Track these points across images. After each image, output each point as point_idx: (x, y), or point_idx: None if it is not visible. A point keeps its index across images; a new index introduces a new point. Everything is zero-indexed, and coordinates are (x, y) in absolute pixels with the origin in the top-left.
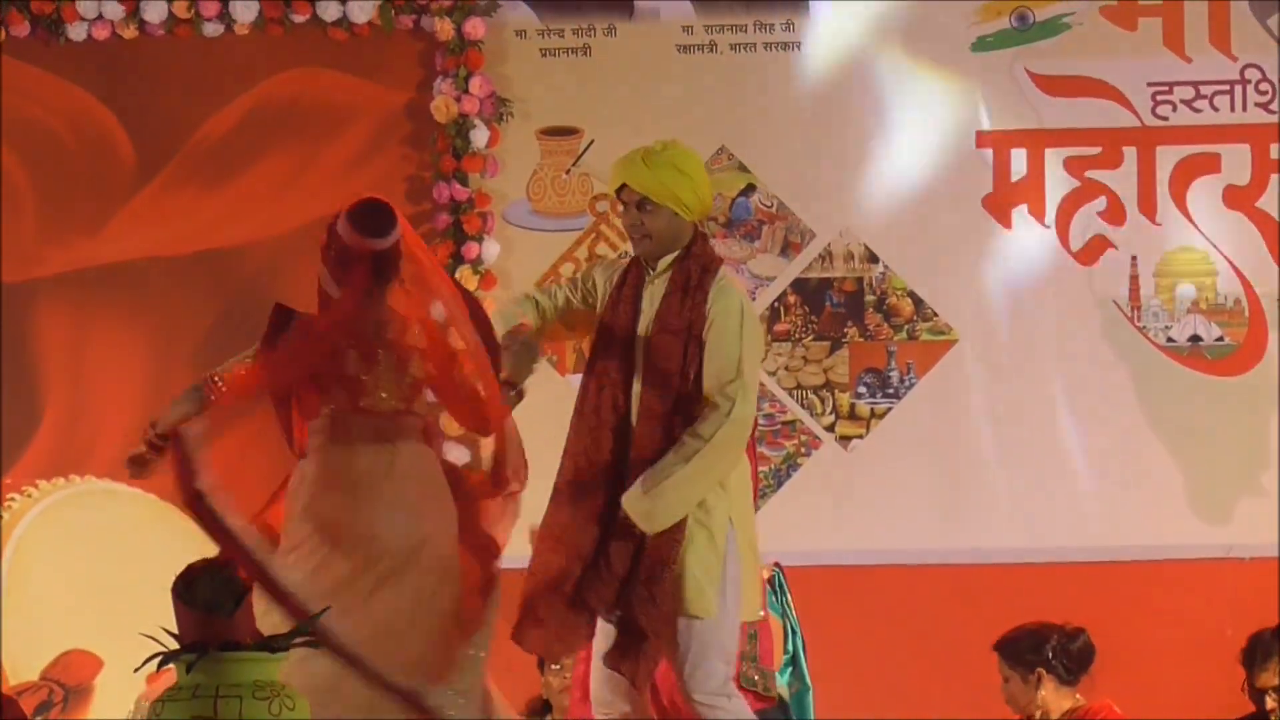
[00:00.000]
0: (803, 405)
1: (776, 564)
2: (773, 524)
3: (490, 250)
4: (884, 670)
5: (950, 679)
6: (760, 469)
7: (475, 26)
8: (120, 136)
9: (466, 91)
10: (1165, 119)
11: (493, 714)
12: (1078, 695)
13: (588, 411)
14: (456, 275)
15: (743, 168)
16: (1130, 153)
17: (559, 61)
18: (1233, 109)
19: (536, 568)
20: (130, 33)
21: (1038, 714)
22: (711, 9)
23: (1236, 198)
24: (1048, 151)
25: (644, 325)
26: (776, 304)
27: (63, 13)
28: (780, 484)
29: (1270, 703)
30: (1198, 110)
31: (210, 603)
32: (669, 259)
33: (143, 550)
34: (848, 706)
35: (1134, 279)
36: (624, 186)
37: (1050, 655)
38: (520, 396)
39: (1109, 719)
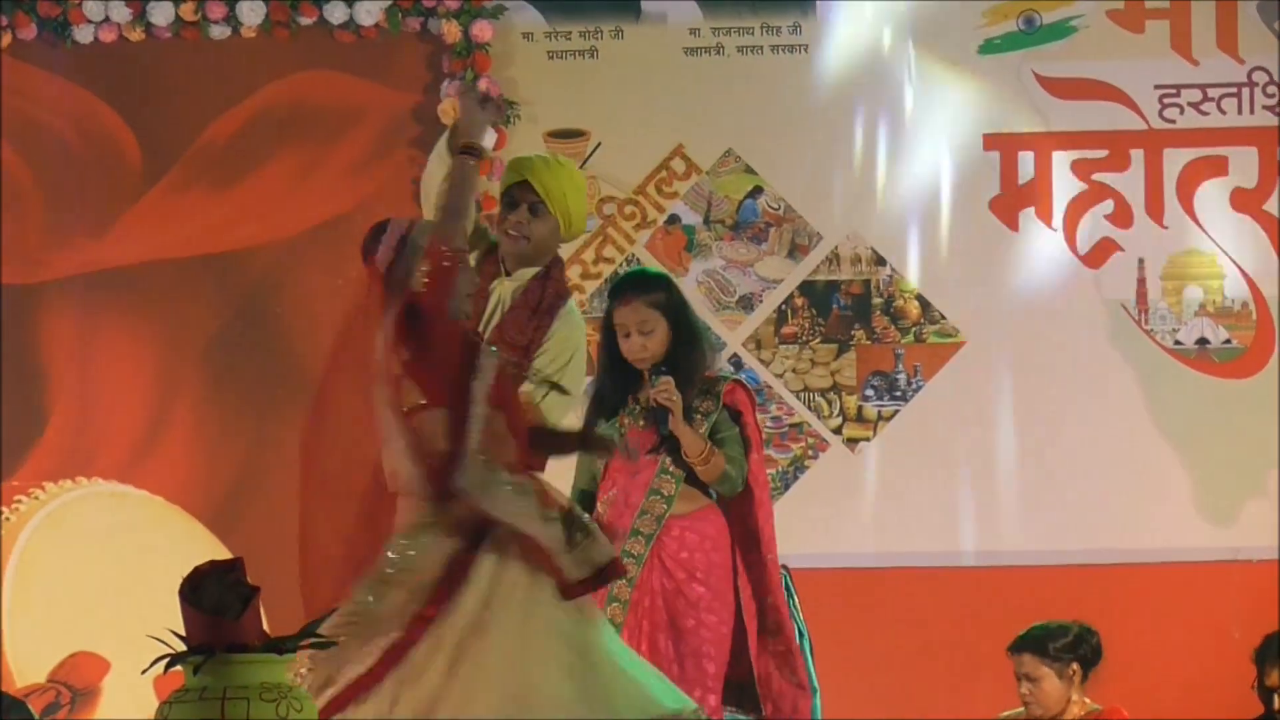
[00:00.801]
0: (810, 408)
1: (784, 566)
2: (780, 526)
3: None
4: (891, 673)
5: (958, 681)
6: (768, 471)
7: (482, 29)
8: (126, 139)
9: None
10: (1172, 122)
11: None
12: (1086, 699)
13: None
14: None
15: (750, 170)
16: (1137, 155)
17: (566, 64)
18: (1240, 112)
19: None
20: (137, 35)
21: (1073, 711)
22: (719, 12)
23: (1244, 200)
24: (1055, 154)
25: (482, 326)
26: (784, 306)
27: (69, 15)
28: (787, 486)
29: (1279, 703)
30: (1205, 113)
31: (217, 605)
32: (529, 272)
33: (150, 552)
34: (855, 709)
35: (1141, 282)
36: (522, 183)
37: (1080, 649)
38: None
39: None
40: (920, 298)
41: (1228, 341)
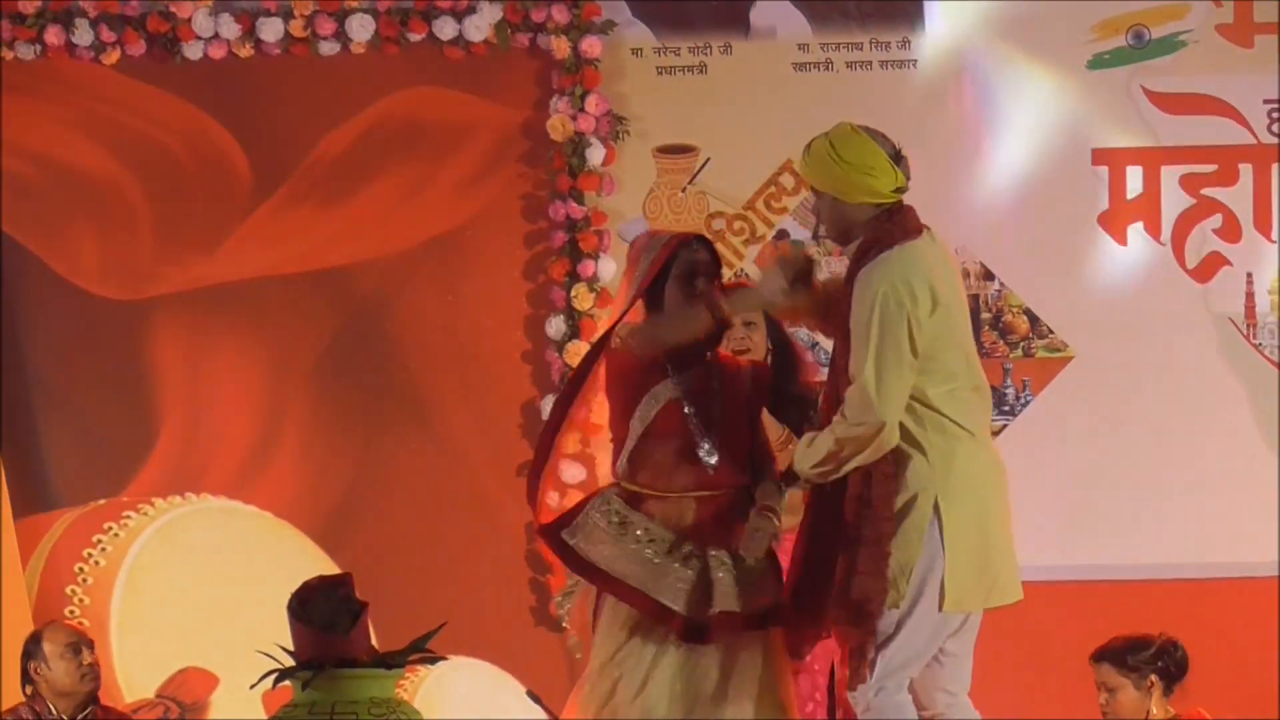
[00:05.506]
0: None
1: None
2: None
3: (606, 268)
4: (996, 684)
5: (1064, 695)
6: None
7: (592, 45)
8: (236, 155)
9: (583, 110)
10: None
11: None
12: (1169, 707)
13: None
14: (572, 293)
15: None
16: (1246, 170)
17: (675, 80)
18: None
19: None
20: (246, 52)
21: None
22: (828, 27)
23: None
24: (1163, 169)
25: None
26: None
27: (179, 32)
28: None
29: None
30: None
31: (326, 620)
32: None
33: (259, 568)
34: None
35: (1249, 296)
36: None
37: (1160, 661)
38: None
39: None
40: (1028, 312)
41: None
